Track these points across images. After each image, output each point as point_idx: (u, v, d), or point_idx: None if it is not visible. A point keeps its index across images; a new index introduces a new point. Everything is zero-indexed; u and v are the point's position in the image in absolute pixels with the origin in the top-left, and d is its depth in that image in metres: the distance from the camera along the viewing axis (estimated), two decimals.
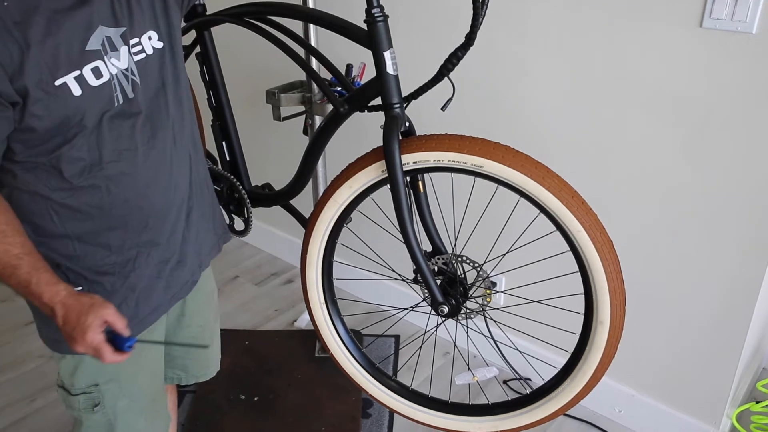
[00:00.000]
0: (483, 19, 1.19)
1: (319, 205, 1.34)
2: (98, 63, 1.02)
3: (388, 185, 1.22)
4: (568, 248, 1.17)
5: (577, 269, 1.18)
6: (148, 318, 1.20)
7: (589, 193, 1.69)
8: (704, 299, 1.62)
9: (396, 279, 1.44)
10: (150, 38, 1.09)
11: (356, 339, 1.52)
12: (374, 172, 1.25)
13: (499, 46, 1.72)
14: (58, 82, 0.98)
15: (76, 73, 1.00)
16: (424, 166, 1.20)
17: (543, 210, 1.16)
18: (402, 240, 1.24)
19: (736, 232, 1.52)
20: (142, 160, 1.10)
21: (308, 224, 1.38)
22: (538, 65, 1.68)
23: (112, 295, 1.14)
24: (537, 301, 1.47)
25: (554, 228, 1.17)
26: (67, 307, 0.98)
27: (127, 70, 1.06)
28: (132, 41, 1.07)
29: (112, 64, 1.04)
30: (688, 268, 1.62)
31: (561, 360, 1.29)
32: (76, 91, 1.00)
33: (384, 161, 1.20)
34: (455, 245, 1.35)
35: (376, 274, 1.59)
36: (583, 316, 1.22)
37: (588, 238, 1.13)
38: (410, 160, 1.20)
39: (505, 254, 1.43)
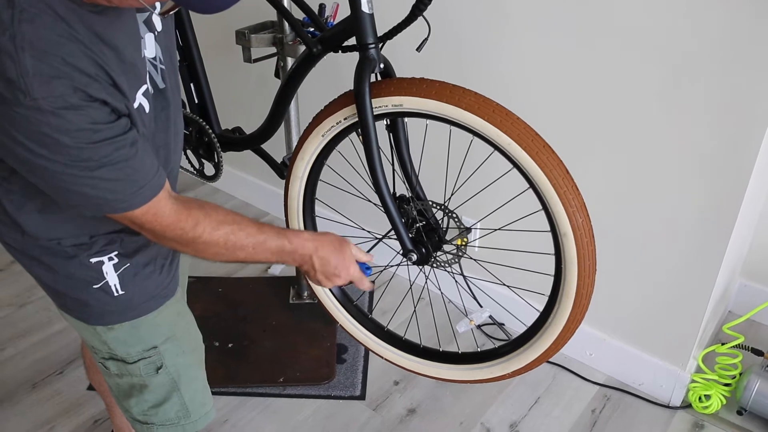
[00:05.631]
0: None
1: (303, 136, 1.30)
2: (150, 67, 0.88)
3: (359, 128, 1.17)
4: (541, 207, 1.12)
5: (549, 228, 1.13)
6: (177, 276, 1.17)
7: (562, 137, 1.68)
8: (675, 245, 1.64)
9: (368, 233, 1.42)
10: (155, 7, 0.85)
11: None
12: (350, 111, 1.21)
13: None
14: (135, 104, 0.85)
15: (144, 87, 0.86)
16: (394, 110, 1.15)
17: (516, 166, 1.10)
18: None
19: (707, 176, 1.52)
20: (173, 149, 1.04)
21: (292, 156, 1.34)
22: (517, 7, 1.63)
23: (162, 258, 1.10)
24: (510, 250, 1.47)
25: (528, 186, 1.11)
26: (322, 250, 1.08)
27: (155, 58, 0.91)
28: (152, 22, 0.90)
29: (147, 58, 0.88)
30: (659, 213, 1.63)
31: (538, 305, 1.29)
32: (147, 107, 0.87)
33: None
34: (408, 187, 1.31)
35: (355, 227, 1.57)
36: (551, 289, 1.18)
37: (556, 195, 1.07)
38: (383, 103, 1.16)
39: (471, 198, 1.42)
